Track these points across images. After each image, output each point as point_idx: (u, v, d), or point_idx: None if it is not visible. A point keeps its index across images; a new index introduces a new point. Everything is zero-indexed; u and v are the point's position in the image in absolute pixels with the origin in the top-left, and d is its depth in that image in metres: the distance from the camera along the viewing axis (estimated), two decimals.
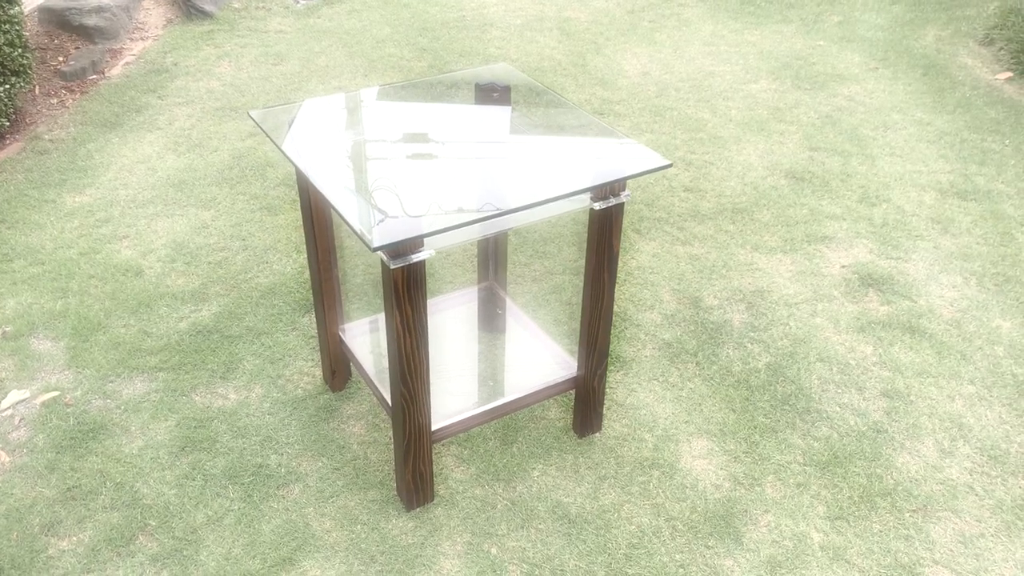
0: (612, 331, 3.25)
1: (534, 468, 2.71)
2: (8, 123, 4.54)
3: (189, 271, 3.54)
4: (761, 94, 5.11)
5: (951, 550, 2.49)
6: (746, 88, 5.18)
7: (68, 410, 2.86)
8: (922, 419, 2.91)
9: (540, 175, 2.27)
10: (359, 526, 2.52)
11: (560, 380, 2.71)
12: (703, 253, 3.72)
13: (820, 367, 3.11)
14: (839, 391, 3.02)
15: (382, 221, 2.06)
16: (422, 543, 2.48)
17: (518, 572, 2.41)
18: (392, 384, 2.34)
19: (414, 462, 2.48)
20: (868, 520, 2.57)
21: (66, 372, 3.01)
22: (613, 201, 2.38)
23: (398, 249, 2.09)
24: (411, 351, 2.27)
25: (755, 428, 2.87)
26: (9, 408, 2.84)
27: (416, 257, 2.12)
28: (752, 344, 3.22)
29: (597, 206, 2.37)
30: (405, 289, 2.16)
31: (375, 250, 1.97)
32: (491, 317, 3.03)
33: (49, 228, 3.80)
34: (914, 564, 2.45)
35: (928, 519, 2.58)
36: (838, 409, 2.95)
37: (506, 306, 3.06)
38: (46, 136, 4.55)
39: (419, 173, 2.28)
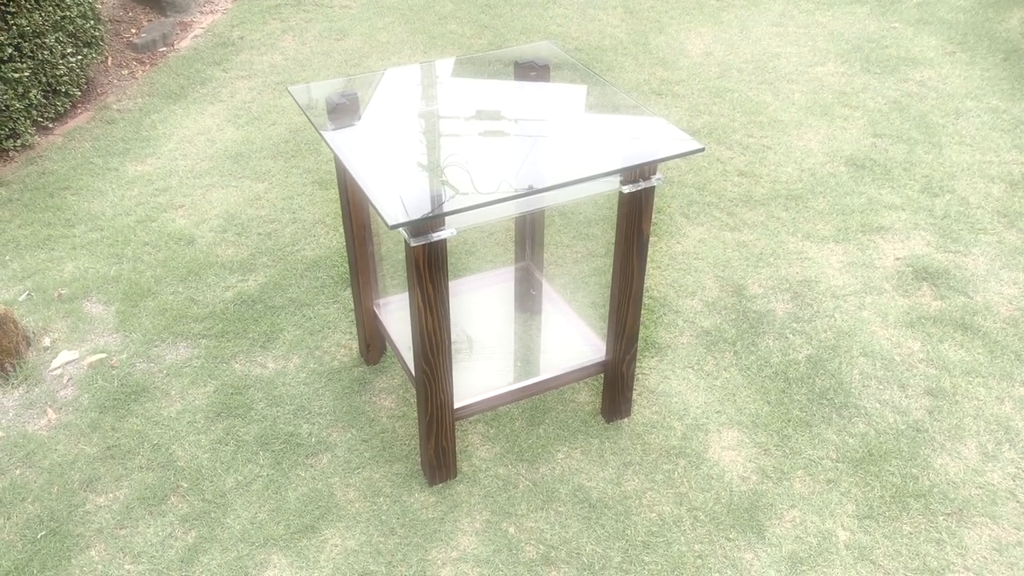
0: (649, 317, 3.21)
1: (559, 451, 2.71)
2: (80, 93, 4.70)
3: (239, 242, 3.63)
4: (827, 77, 4.95)
5: (984, 557, 2.40)
6: (812, 71, 5.03)
7: (113, 372, 2.97)
8: (966, 420, 2.80)
9: (570, 156, 2.25)
10: (382, 498, 2.56)
11: (588, 364, 2.69)
12: (752, 240, 3.64)
13: (863, 362, 3.02)
14: (880, 387, 2.93)
15: (404, 198, 2.07)
16: (442, 518, 2.51)
17: (534, 552, 2.41)
18: (415, 362, 2.36)
19: (436, 439, 2.51)
20: (899, 521, 2.50)
21: (114, 335, 3.13)
22: (643, 184, 2.34)
23: (418, 227, 2.10)
24: (432, 329, 2.28)
25: (789, 421, 2.81)
26: (59, 368, 2.97)
27: (437, 236, 2.13)
28: (794, 335, 3.14)
29: (626, 189, 2.34)
30: (426, 267, 2.17)
31: (392, 228, 1.98)
32: (524, 297, 3.03)
33: (110, 195, 3.94)
34: (943, 569, 2.37)
35: (963, 524, 2.49)
36: (877, 406, 2.86)
37: (541, 287, 3.05)
38: (114, 106, 4.70)
39: (447, 152, 2.28)
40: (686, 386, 2.94)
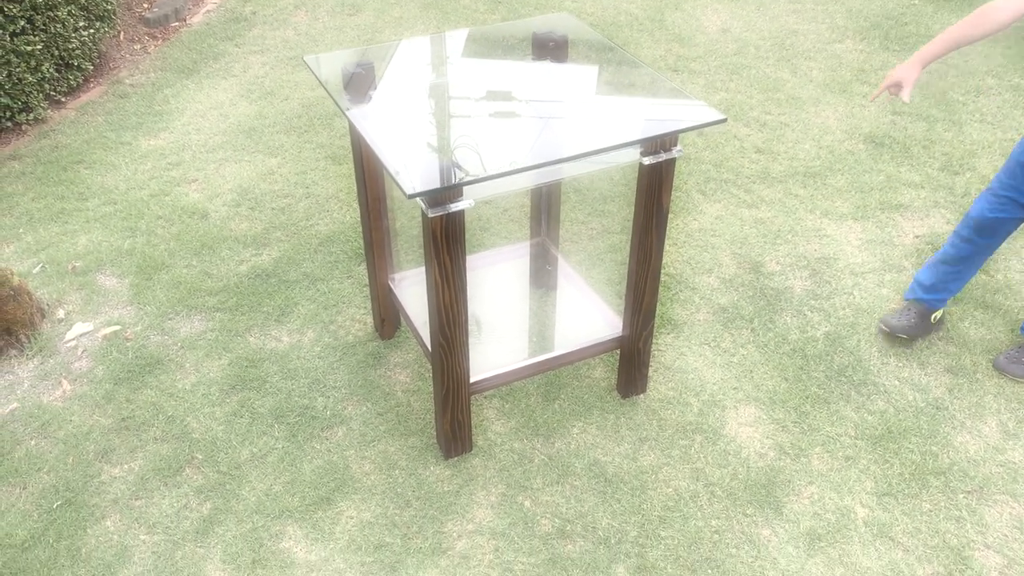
0: (666, 293, 3.18)
1: (574, 425, 2.69)
2: (92, 67, 4.68)
3: (253, 216, 3.61)
4: (846, 54, 4.89)
5: (1005, 535, 2.37)
6: (830, 48, 4.96)
7: (128, 344, 2.96)
8: (987, 398, 2.77)
9: (589, 127, 2.22)
10: (397, 471, 2.55)
11: (604, 339, 2.67)
12: (769, 217, 3.60)
13: (881, 339, 2.99)
14: (900, 365, 2.90)
15: (421, 168, 2.04)
16: (457, 491, 2.50)
17: (550, 526, 2.40)
18: (431, 335, 2.34)
19: (452, 412, 2.49)
20: (918, 499, 2.47)
21: (128, 308, 3.12)
22: (663, 156, 2.31)
23: (436, 197, 2.08)
24: (449, 303, 2.26)
25: (807, 398, 2.78)
26: (74, 339, 2.96)
27: (455, 206, 2.11)
28: (812, 312, 3.11)
29: (646, 161, 2.30)
30: (444, 239, 2.15)
31: (411, 196, 1.96)
32: (540, 273, 3.00)
33: (123, 169, 3.92)
34: (963, 547, 2.34)
35: (983, 502, 2.46)
36: (896, 383, 2.83)
37: (557, 263, 3.03)
38: (127, 81, 4.68)
39: (465, 123, 2.25)
40: (703, 363, 2.91)
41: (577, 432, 2.67)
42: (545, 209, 3.05)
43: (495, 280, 2.97)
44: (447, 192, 2.07)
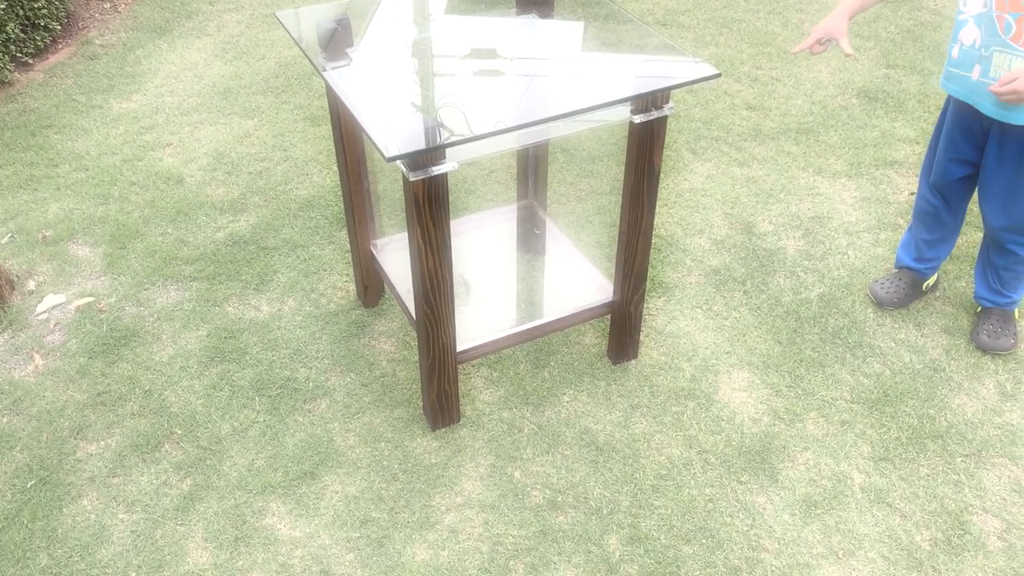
0: (656, 256, 3.10)
1: (564, 393, 2.63)
2: (60, 27, 4.51)
3: (229, 181, 3.49)
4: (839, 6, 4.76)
5: (1003, 499, 2.33)
6: (822, 0, 4.83)
7: (102, 316, 2.87)
8: (984, 359, 2.72)
9: (577, 85, 2.11)
10: (383, 443, 2.48)
11: (595, 305, 2.59)
12: (761, 176, 3.52)
13: None
14: (896, 326, 2.83)
15: (401, 129, 1.94)
16: (445, 463, 2.43)
17: (540, 497, 2.34)
18: (416, 304, 2.26)
19: (439, 382, 2.42)
20: (915, 463, 2.43)
21: (102, 278, 3.02)
22: (655, 114, 2.21)
23: (417, 160, 1.98)
24: (434, 269, 2.17)
25: (801, 362, 2.72)
26: (45, 312, 2.86)
27: (437, 169, 2.01)
28: (805, 273, 3.04)
29: (637, 119, 2.21)
30: (426, 203, 2.06)
31: (390, 160, 1.86)
32: (527, 237, 2.91)
33: (95, 134, 3.79)
34: (961, 511, 2.30)
35: (981, 465, 2.42)
36: (893, 345, 2.77)
37: (545, 226, 2.94)
38: (97, 41, 4.51)
39: (447, 82, 2.15)
40: (695, 327, 2.84)
41: (567, 400, 2.61)
42: (532, 171, 2.95)
43: (481, 245, 2.88)
44: (428, 155, 1.97)
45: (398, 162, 1.96)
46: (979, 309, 2.82)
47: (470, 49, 2.28)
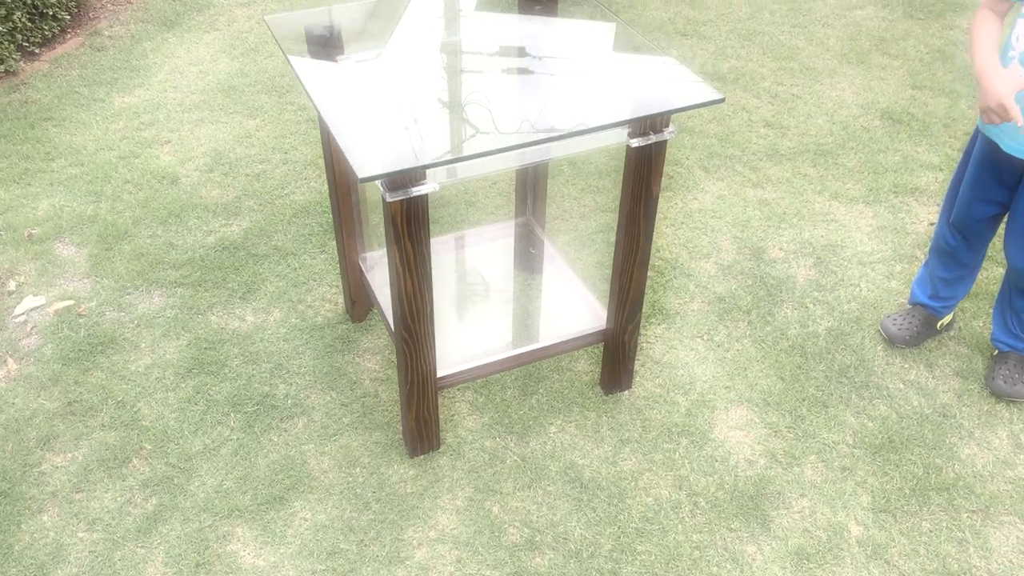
0: (659, 280, 2.98)
1: (552, 423, 2.51)
2: (70, 17, 4.45)
3: (225, 182, 3.40)
4: (867, 22, 4.60)
5: (1011, 561, 2.19)
6: (850, 14, 4.67)
7: (80, 320, 2.78)
8: (999, 406, 2.57)
9: (571, 104, 1.99)
10: (358, 469, 2.38)
11: (587, 332, 2.47)
12: (775, 198, 3.37)
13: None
14: (906, 366, 2.69)
15: (379, 147, 1.83)
16: (421, 493, 2.32)
17: (518, 536, 2.23)
18: (395, 326, 2.15)
19: (417, 408, 2.31)
20: (918, 517, 2.28)
21: (85, 280, 2.94)
22: (653, 138, 2.09)
23: (396, 180, 1.87)
24: (412, 292, 2.06)
25: (804, 400, 2.59)
26: (23, 314, 2.78)
27: (417, 190, 1.90)
28: (814, 305, 2.90)
29: (634, 143, 2.08)
30: (405, 225, 1.95)
31: (363, 180, 1.75)
32: (523, 256, 2.80)
33: (94, 128, 3.71)
34: (964, 572, 2.16)
35: (989, 522, 2.27)
36: (901, 386, 2.62)
37: (541, 245, 2.82)
38: (106, 32, 4.44)
39: (435, 95, 2.03)
40: (694, 357, 2.71)
41: (554, 431, 2.49)
42: (531, 186, 2.84)
43: (474, 263, 2.77)
44: (408, 175, 1.86)
45: (377, 182, 1.85)
46: (995, 352, 2.66)
47: (462, 59, 2.16)
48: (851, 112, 3.87)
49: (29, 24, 4.16)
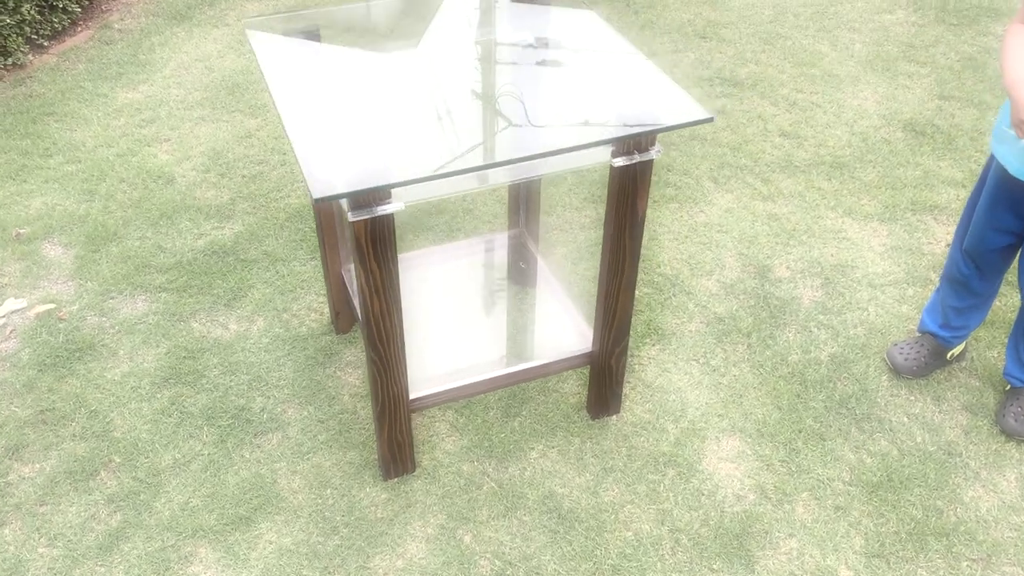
0: (657, 297, 2.86)
1: (533, 448, 2.41)
2: (80, 9, 4.42)
3: (221, 183, 3.34)
4: (895, 27, 4.42)
5: None
6: (878, 19, 4.49)
7: (60, 325, 2.74)
8: (1008, 446, 2.42)
9: (552, 119, 1.89)
10: (329, 490, 2.30)
11: (571, 355, 2.37)
12: (786, 213, 3.23)
13: None
14: (911, 398, 2.55)
15: (342, 165, 1.74)
16: (392, 519, 2.24)
17: (488, 568, 2.14)
18: (365, 348, 2.07)
19: (390, 431, 2.22)
20: (913, 563, 2.15)
21: (69, 283, 2.89)
22: (638, 158, 1.98)
23: (359, 199, 1.78)
24: (380, 314, 1.97)
25: (800, 432, 2.46)
26: (3, 317, 2.74)
27: (382, 210, 1.81)
28: (819, 329, 2.76)
29: (617, 162, 1.97)
30: (369, 245, 1.86)
31: (317, 201, 1.66)
32: (512, 271, 2.70)
33: (95, 124, 3.67)
34: None
35: (990, 572, 2.14)
36: (905, 420, 2.49)
37: (532, 260, 2.72)
38: (116, 25, 4.41)
39: (411, 112, 1.94)
40: (687, 382, 2.60)
41: (535, 456, 2.39)
42: (523, 198, 2.73)
43: (461, 277, 2.68)
44: (371, 194, 1.77)
45: (341, 201, 1.76)
46: (1008, 387, 2.52)
47: (440, 68, 2.06)
48: (872, 123, 3.71)
49: (38, 17, 4.13)
